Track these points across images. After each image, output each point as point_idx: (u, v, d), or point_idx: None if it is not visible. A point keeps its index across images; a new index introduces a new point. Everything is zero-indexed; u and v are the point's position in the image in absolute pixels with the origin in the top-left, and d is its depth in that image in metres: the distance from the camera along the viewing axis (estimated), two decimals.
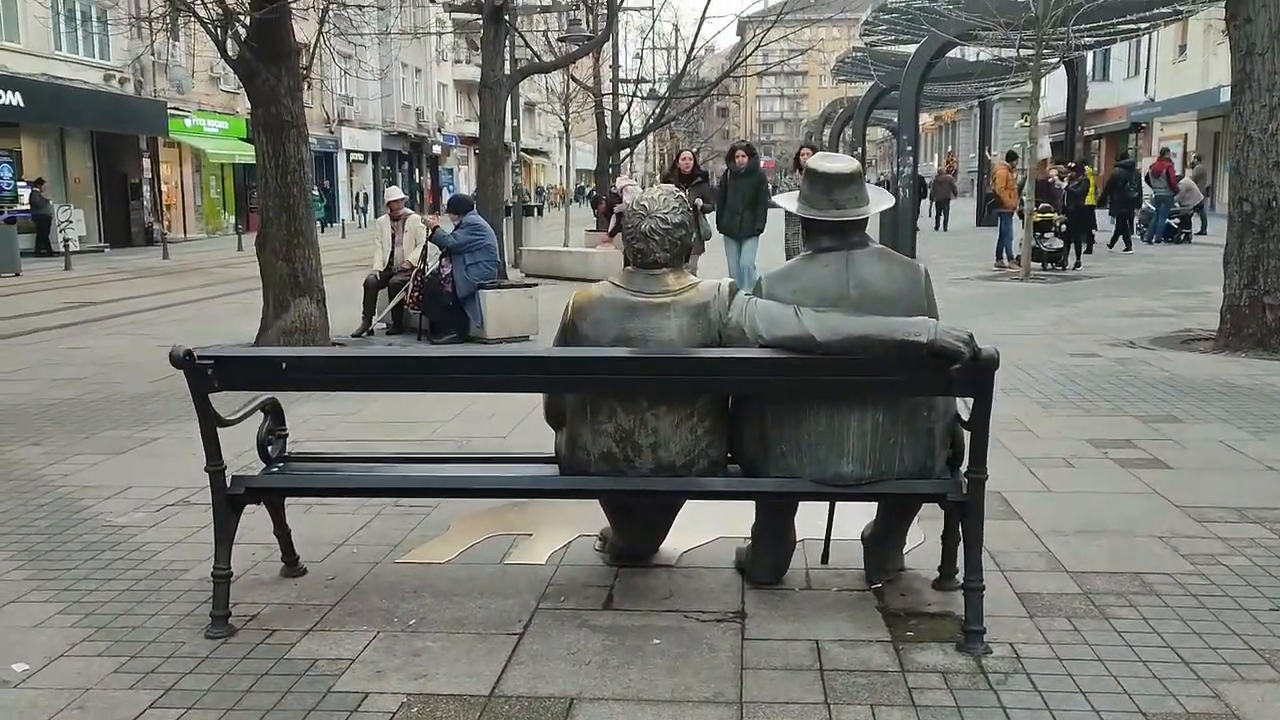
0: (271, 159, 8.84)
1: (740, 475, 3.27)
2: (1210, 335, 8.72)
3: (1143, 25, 21.33)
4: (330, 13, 10.26)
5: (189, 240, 29.05)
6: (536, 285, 10.02)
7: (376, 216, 41.64)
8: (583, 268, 16.03)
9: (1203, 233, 21.11)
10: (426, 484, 3.30)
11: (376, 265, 10.49)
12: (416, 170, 49.50)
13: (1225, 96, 8.76)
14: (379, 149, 43.29)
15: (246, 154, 23.89)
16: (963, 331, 2.92)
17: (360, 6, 10.69)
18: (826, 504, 3.46)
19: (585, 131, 35.06)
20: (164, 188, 29.01)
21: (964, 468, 3.13)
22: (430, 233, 9.58)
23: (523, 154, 47.36)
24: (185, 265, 20.77)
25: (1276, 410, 6.08)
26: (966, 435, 3.13)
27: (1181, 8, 18.81)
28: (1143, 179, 22.95)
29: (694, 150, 15.57)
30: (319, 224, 24.53)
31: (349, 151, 40.55)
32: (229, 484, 3.21)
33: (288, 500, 3.59)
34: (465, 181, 52.31)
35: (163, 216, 28.16)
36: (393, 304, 10.11)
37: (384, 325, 10.24)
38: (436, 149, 49.87)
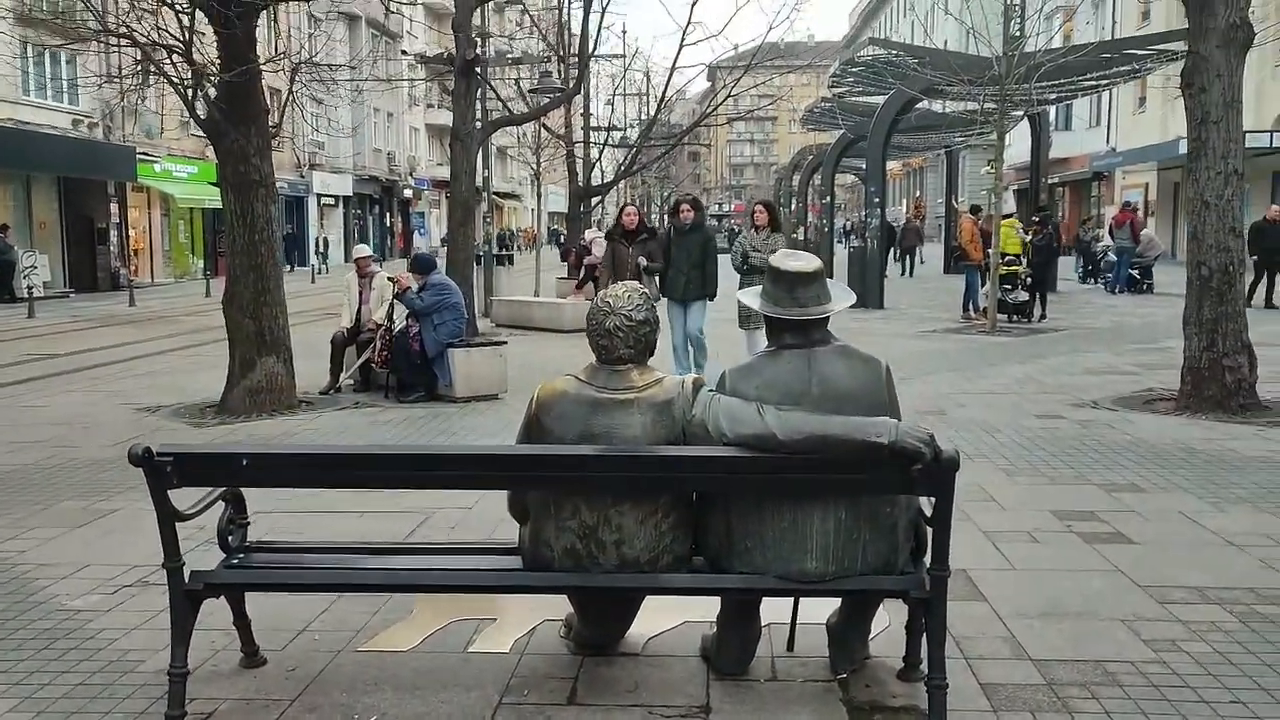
0: (239, 217, 8.83)
1: (705, 569, 3.27)
2: (1172, 395, 8.83)
3: (1103, 83, 21.81)
4: (301, 71, 10.29)
5: (156, 285, 28.85)
6: (505, 343, 10.00)
7: (346, 260, 41.63)
8: (553, 319, 16.06)
9: (1147, 285, 21.44)
10: (389, 580, 3.27)
11: (345, 321, 10.45)
12: (388, 214, 49.54)
13: (1184, 148, 8.95)
14: (350, 193, 43.31)
15: (216, 199, 23.71)
16: (923, 432, 2.95)
17: (331, 65, 10.72)
18: None
19: (557, 177, 35.25)
20: (131, 232, 28.85)
21: (927, 563, 3.15)
22: (397, 292, 9.56)
23: (494, 197, 47.60)
24: (151, 313, 20.60)
25: (1236, 478, 6.15)
26: (930, 529, 3.14)
27: (1139, 68, 19.27)
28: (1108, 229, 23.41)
29: (639, 204, 14.74)
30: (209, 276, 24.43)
31: (320, 195, 40.54)
32: (187, 580, 3.17)
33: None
34: (437, 225, 52.42)
35: (129, 262, 27.97)
36: (360, 361, 10.06)
37: (351, 382, 10.18)
38: (408, 193, 49.98)
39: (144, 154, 27.38)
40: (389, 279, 10.06)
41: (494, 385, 9.54)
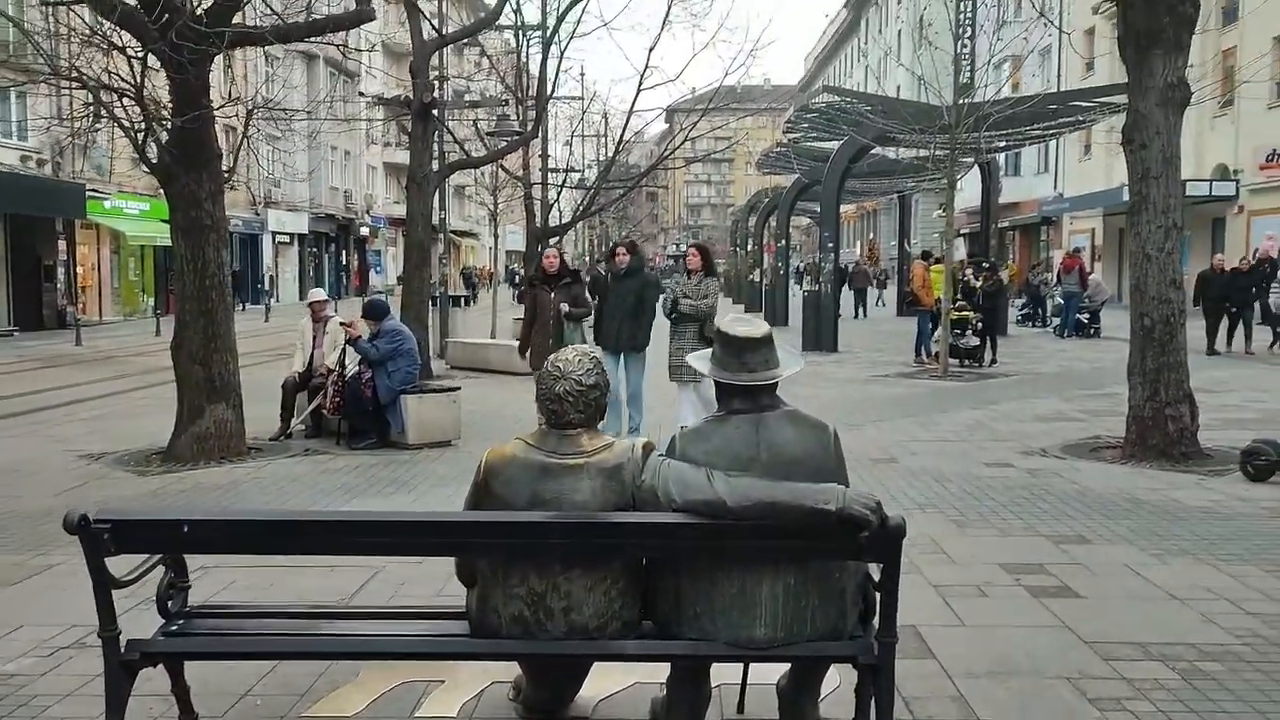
0: (190, 263, 8.73)
1: (654, 634, 3.25)
2: (1117, 443, 8.98)
3: (1049, 133, 22.34)
4: (256, 114, 10.25)
5: (104, 323, 28.39)
6: (459, 389, 9.93)
7: (301, 298, 41.30)
8: (508, 361, 15.94)
9: (1094, 329, 21.85)
10: (333, 648, 3.22)
11: (296, 366, 10.34)
12: (344, 252, 49.26)
13: (1127, 195, 9.17)
14: (306, 230, 43.05)
15: (168, 236, 23.44)
16: (870, 499, 2.97)
17: (287, 110, 10.69)
18: None
19: (516, 217, 35.30)
20: (79, 269, 28.41)
21: (875, 628, 3.16)
22: (350, 339, 9.48)
23: (452, 235, 47.49)
24: (98, 353, 20.25)
25: (1178, 530, 6.25)
26: (878, 593, 3.16)
27: (1084, 119, 19.76)
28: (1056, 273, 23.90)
29: (559, 246, 13.52)
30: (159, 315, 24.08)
31: (275, 233, 40.24)
32: (123, 649, 3.09)
33: None
34: (393, 263, 52.12)
35: (77, 299, 27.52)
36: (311, 407, 9.95)
37: (303, 428, 10.06)
38: (365, 231, 49.77)
39: (94, 191, 27.05)
40: (342, 324, 9.98)
41: (447, 432, 9.47)
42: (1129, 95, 8.99)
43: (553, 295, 9.47)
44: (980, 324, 16.49)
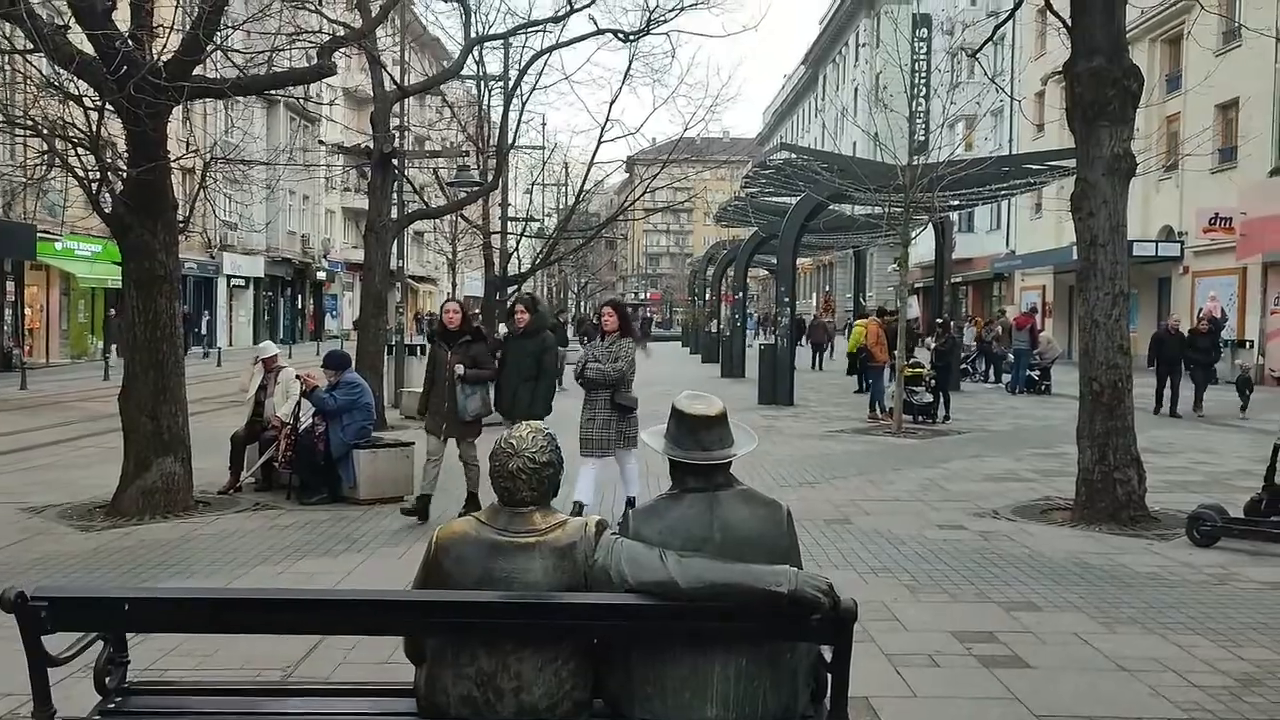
0: (141, 314, 8.62)
1: (605, 714, 3.21)
2: (1067, 504, 9.09)
3: (1001, 192, 22.83)
4: (213, 166, 10.19)
5: (51, 366, 27.86)
6: (412, 445, 9.84)
7: (255, 341, 40.83)
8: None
9: (1045, 385, 22.21)
10: None
11: (246, 402, 10.20)
12: (300, 296, 48.87)
13: (1076, 254, 9.38)
14: (262, 274, 42.67)
15: (120, 278, 23.10)
16: (822, 580, 2.97)
17: (245, 162, 10.65)
18: None
19: (475, 263, 35.27)
20: (28, 311, 27.90)
21: (827, 709, 3.15)
22: (306, 390, 9.38)
23: (410, 281, 47.27)
24: (44, 398, 19.85)
25: (1126, 597, 6.32)
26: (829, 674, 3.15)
27: (1034, 181, 20.22)
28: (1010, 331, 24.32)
29: (461, 299, 11.36)
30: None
31: (230, 277, 39.85)
32: None
33: None
34: (350, 307, 51.82)
35: (23, 342, 26.99)
36: (261, 460, 9.81)
37: (253, 481, 9.90)
38: (321, 275, 49.44)
39: (45, 233, 26.65)
40: (296, 376, 9.88)
41: (399, 487, 9.37)
42: (1077, 165, 9.25)
43: (450, 354, 8.54)
44: (934, 380, 16.69)
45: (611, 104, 36.66)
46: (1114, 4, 8.84)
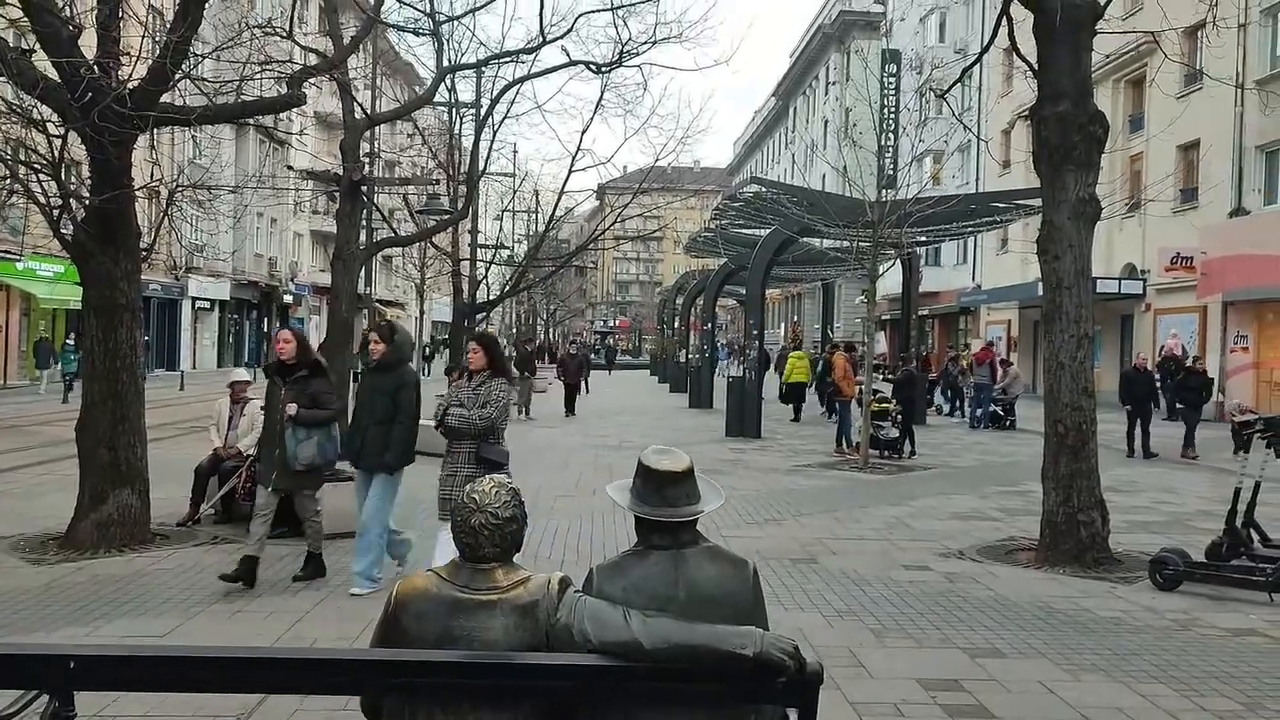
0: (101, 343, 8.48)
1: None
2: (1032, 544, 9.12)
3: (968, 229, 23.08)
4: (179, 195, 10.08)
5: (8, 388, 27.40)
6: None
7: (220, 365, 40.40)
8: (431, 442, 15.67)
9: (1010, 421, 22.36)
10: None
11: (215, 441, 10.04)
12: (266, 319, 48.43)
13: (1042, 290, 9.46)
14: (227, 297, 42.28)
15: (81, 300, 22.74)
16: (788, 643, 2.93)
17: (211, 188, 10.54)
18: None
19: (444, 289, 35.17)
20: None
21: None
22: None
23: (378, 305, 46.98)
24: (0, 421, 19.47)
25: (1090, 643, 6.33)
26: None
27: (1000, 219, 20.46)
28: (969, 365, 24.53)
29: (299, 329, 9.53)
30: (69, 379, 23.31)
31: (195, 299, 39.44)
32: None
33: None
34: (316, 331, 51.41)
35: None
36: (222, 491, 9.64)
37: (212, 513, 9.72)
38: (288, 298, 49.04)
39: (5, 252, 26.28)
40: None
41: None
42: (1043, 208, 9.35)
43: (284, 391, 7.37)
44: (899, 415, 16.76)
45: (583, 134, 36.94)
46: (1079, 51, 8.98)
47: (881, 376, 17.31)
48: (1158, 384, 25.58)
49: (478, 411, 6.71)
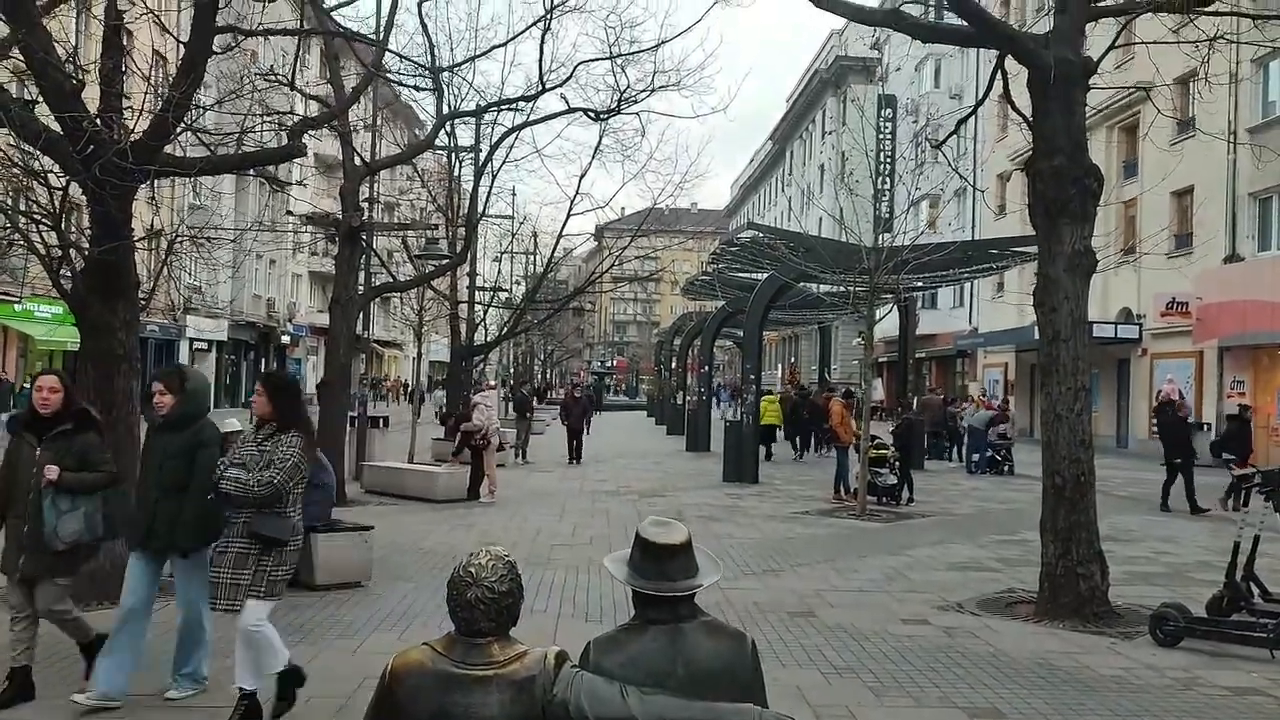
0: (98, 394, 8.43)
1: None
2: (1031, 597, 9.07)
3: (964, 275, 23.18)
4: (179, 244, 10.12)
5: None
6: (371, 529, 9.66)
7: (217, 406, 40.28)
8: (426, 488, 15.71)
9: (1008, 466, 22.27)
10: None
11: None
12: (263, 360, 48.41)
13: (1038, 334, 9.47)
14: (225, 338, 42.29)
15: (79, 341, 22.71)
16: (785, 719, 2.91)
17: (210, 238, 10.60)
18: None
19: (442, 329, 35.22)
20: None
21: None
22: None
23: (375, 345, 47.00)
24: None
25: (1091, 703, 6.27)
26: None
27: (996, 266, 20.56)
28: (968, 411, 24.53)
29: (60, 374, 7.52)
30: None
31: (193, 339, 39.43)
32: None
33: None
34: (313, 372, 51.42)
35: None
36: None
37: None
38: (286, 339, 49.05)
39: (4, 294, 26.31)
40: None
41: (357, 573, 9.19)
42: (1039, 260, 9.39)
43: (39, 451, 5.82)
44: (897, 462, 16.72)
45: (581, 178, 37.13)
46: (1073, 105, 9.06)
47: (882, 418, 17.27)
48: (1155, 430, 25.72)
49: (257, 475, 5.51)
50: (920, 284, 22.95)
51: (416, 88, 15.56)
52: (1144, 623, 8.06)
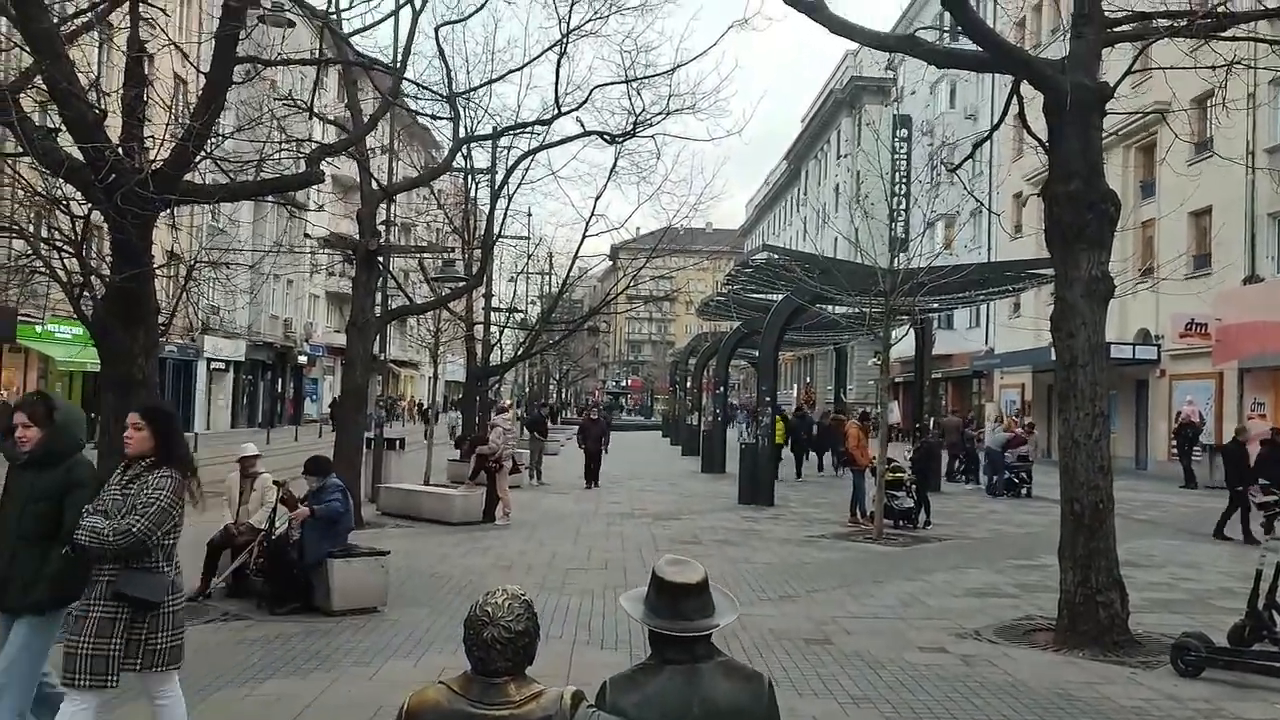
0: (117, 419, 8.48)
1: None
2: (1050, 624, 8.99)
3: (980, 297, 23.12)
4: (198, 270, 10.20)
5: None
6: (388, 554, 9.67)
7: (233, 425, 40.53)
8: (442, 510, 15.72)
9: (1026, 488, 22.11)
10: None
11: (227, 517, 10.06)
12: (280, 380, 48.66)
13: (1055, 355, 9.43)
14: (242, 358, 42.52)
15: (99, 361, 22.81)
16: None
17: (229, 264, 10.67)
18: None
19: (458, 349, 35.32)
20: (3, 393, 27.60)
21: None
22: (298, 515, 9.18)
23: (391, 365, 47.10)
24: None
25: None
26: None
27: (1012, 288, 20.50)
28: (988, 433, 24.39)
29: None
30: None
31: (210, 360, 39.66)
32: None
33: None
34: (329, 391, 51.60)
35: None
36: (233, 566, 9.62)
37: (223, 587, 9.70)
38: (303, 359, 49.30)
39: (25, 316, 26.52)
40: (274, 483, 9.77)
41: (373, 598, 9.19)
42: (1055, 285, 9.37)
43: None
44: (914, 485, 16.64)
45: (596, 200, 37.19)
46: (1089, 130, 9.05)
47: (899, 439, 17.18)
48: (1174, 451, 25.52)
49: (114, 524, 4.64)
50: (936, 306, 22.90)
51: (434, 116, 15.61)
52: (1165, 652, 7.98)
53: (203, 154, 8.10)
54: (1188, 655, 7.61)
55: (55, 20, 8.16)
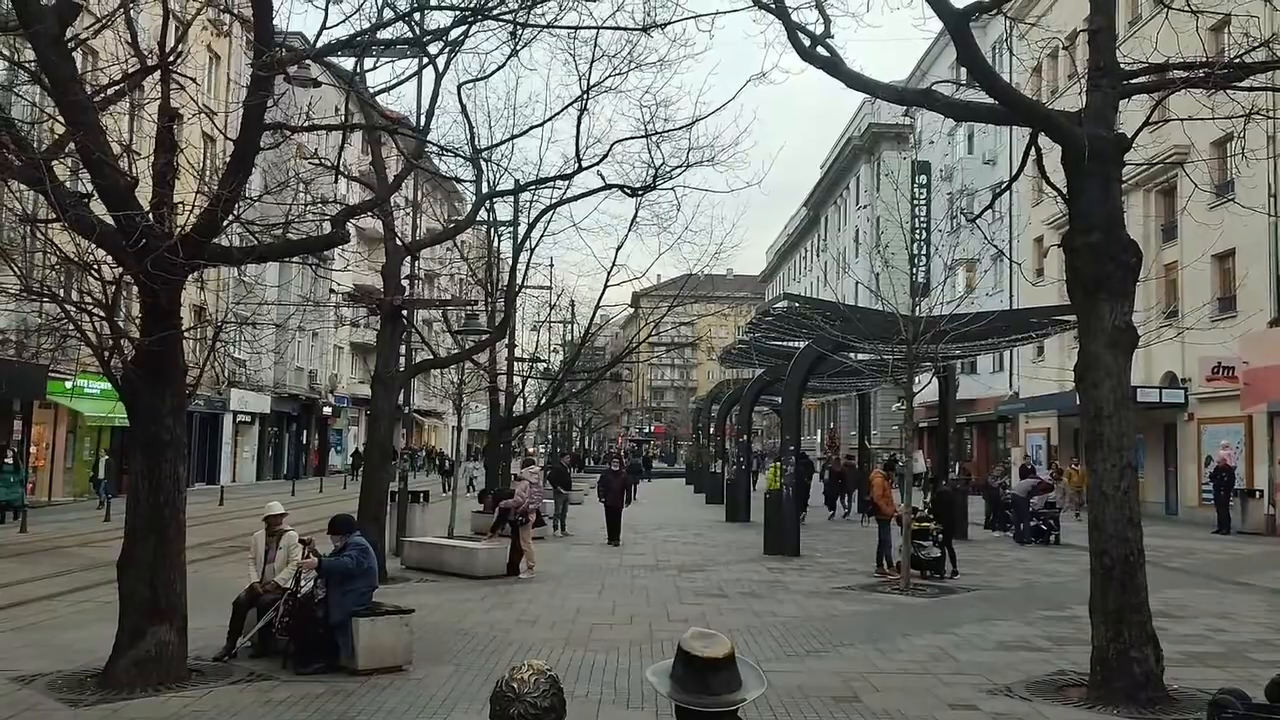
0: (145, 478, 8.60)
1: None
2: (1083, 679, 8.84)
3: (1003, 344, 23.03)
4: (225, 330, 10.34)
5: (52, 505, 27.70)
6: (412, 611, 9.64)
7: (259, 478, 40.72)
8: (466, 564, 15.69)
9: (1054, 536, 21.82)
10: None
11: (253, 577, 10.10)
12: (305, 431, 48.91)
13: (1080, 421, 9.36)
14: (268, 410, 42.81)
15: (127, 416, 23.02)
16: None
17: (255, 323, 10.82)
18: None
19: (482, 398, 35.43)
20: (33, 450, 27.90)
21: None
22: (316, 566, 9.22)
23: (416, 415, 47.26)
24: (43, 541, 19.63)
25: None
26: None
27: (1035, 335, 20.41)
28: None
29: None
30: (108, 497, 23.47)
31: (236, 413, 39.96)
32: None
33: None
34: (354, 441, 51.82)
35: (26, 481, 26.88)
36: (259, 625, 9.62)
37: (249, 645, 9.70)
38: (328, 410, 49.59)
39: (55, 372, 26.84)
40: (300, 540, 9.81)
41: (398, 657, 9.16)
42: (1079, 335, 9.34)
43: None
44: (940, 534, 16.48)
45: (618, 250, 37.57)
46: (1109, 182, 9.07)
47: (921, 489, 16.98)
48: (1206, 496, 25.16)
49: None
50: (959, 353, 22.82)
51: (458, 180, 15.82)
52: (1201, 709, 7.79)
53: (230, 219, 8.24)
54: (1225, 714, 7.45)
55: (88, 91, 8.37)
